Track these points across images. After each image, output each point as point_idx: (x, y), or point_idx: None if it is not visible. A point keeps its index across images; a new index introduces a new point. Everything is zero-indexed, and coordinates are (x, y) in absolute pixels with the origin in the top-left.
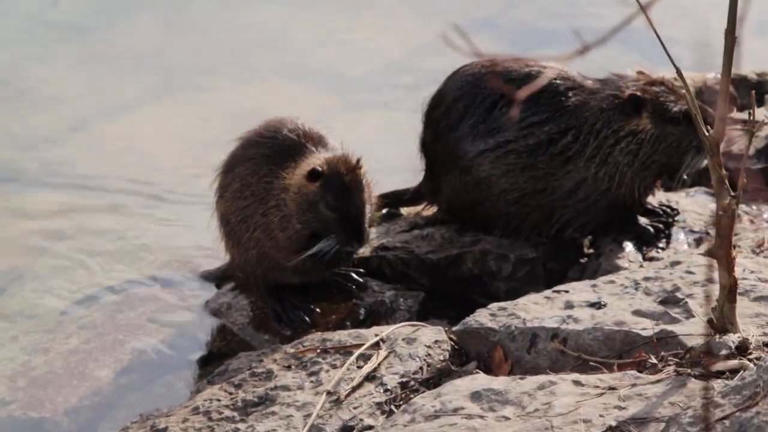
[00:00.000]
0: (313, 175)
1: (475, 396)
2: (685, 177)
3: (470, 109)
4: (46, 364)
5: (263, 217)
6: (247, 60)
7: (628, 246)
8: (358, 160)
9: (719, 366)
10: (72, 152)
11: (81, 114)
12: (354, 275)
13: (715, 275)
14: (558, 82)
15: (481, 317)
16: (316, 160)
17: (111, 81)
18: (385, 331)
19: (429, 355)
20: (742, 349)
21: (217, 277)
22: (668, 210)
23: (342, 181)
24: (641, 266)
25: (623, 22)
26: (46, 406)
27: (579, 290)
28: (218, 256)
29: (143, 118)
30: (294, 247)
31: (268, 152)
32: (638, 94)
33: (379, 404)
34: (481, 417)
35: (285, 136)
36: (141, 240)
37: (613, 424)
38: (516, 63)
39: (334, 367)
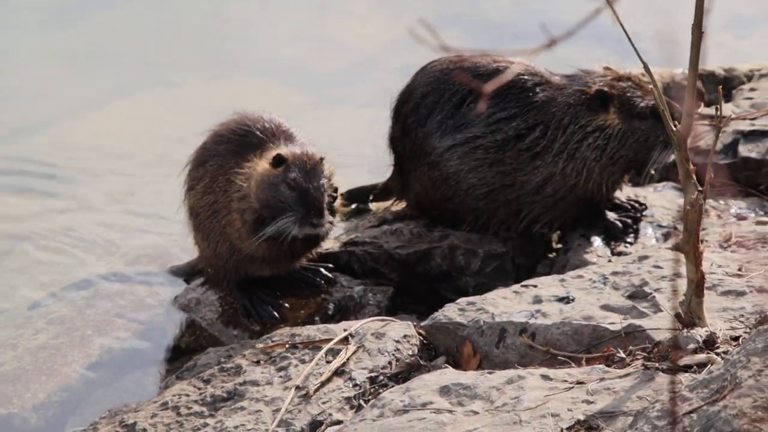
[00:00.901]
0: (277, 160)
1: (444, 390)
2: (652, 172)
3: (438, 105)
4: (14, 360)
5: (229, 210)
6: (217, 56)
7: (597, 241)
8: (322, 158)
9: (687, 360)
10: (41, 148)
11: (50, 110)
12: (323, 270)
13: (683, 270)
14: (525, 77)
15: (450, 312)
16: (283, 149)
17: (80, 77)
18: (353, 326)
19: (398, 349)
20: (710, 343)
21: (186, 273)
22: (636, 205)
23: (304, 167)
24: (609, 261)
25: (590, 16)
26: (14, 402)
27: (547, 285)
28: (187, 252)
29: (113, 113)
30: (254, 233)
31: (235, 148)
32: (605, 89)
33: (348, 399)
34: (450, 411)
35: (253, 131)
36: (109, 235)
37: (582, 418)
38: (484, 59)
39: (303, 362)
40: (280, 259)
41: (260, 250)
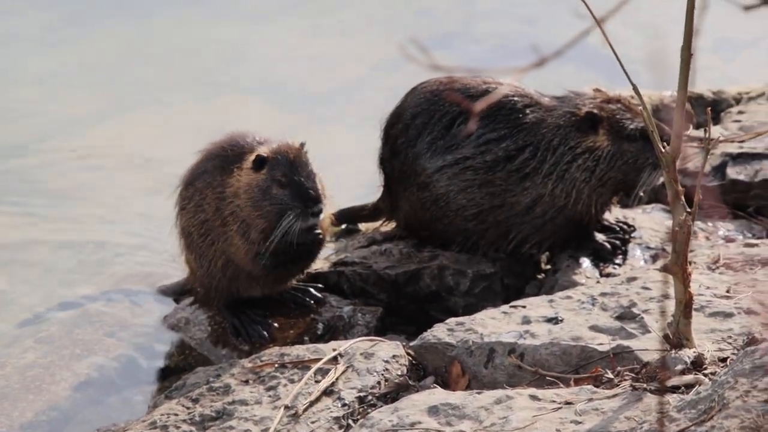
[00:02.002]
0: (258, 162)
1: (433, 410)
2: (641, 194)
3: (428, 126)
4: (2, 379)
5: (223, 228)
6: (208, 75)
7: (585, 262)
8: (302, 144)
9: (675, 381)
10: (31, 166)
11: (40, 129)
12: (312, 290)
13: (671, 291)
14: (515, 99)
15: (439, 332)
16: (260, 149)
17: (70, 96)
18: (343, 345)
19: (387, 369)
20: (698, 364)
21: (175, 292)
22: (625, 227)
23: (288, 159)
24: (598, 282)
25: (579, 36)
26: (2, 421)
27: (536, 306)
28: (176, 271)
29: (103, 133)
30: (259, 250)
31: (222, 164)
32: (595, 111)
33: (336, 419)
34: (439, 431)
35: (240, 147)
36: (99, 254)
37: None
38: (474, 80)
39: (292, 381)
40: (274, 278)
41: (265, 267)
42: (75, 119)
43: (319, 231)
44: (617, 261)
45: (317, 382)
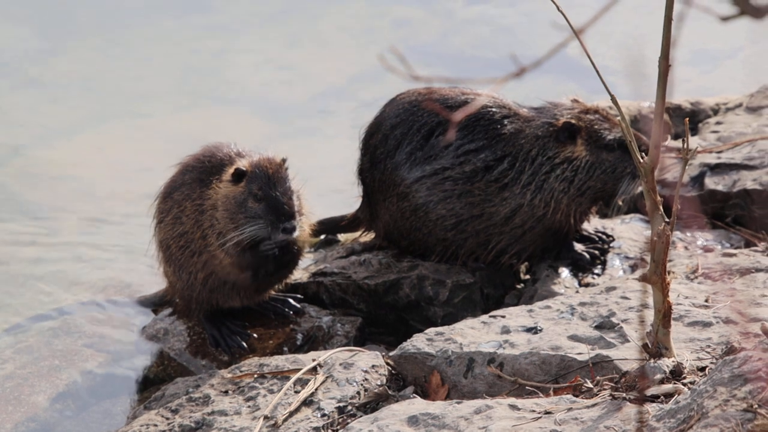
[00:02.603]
0: (237, 175)
1: (412, 420)
2: (620, 203)
3: (407, 137)
4: None
5: (203, 240)
6: (187, 86)
7: (564, 272)
8: (284, 159)
9: (654, 390)
10: (9, 178)
11: (18, 139)
12: (291, 301)
13: (650, 300)
14: (493, 110)
15: (418, 342)
16: (240, 162)
17: (48, 107)
18: (322, 356)
19: (366, 380)
20: (677, 373)
21: (154, 303)
22: (603, 236)
23: (266, 173)
24: (577, 292)
25: (557, 47)
26: None
27: (515, 315)
28: (155, 282)
29: (80, 144)
30: (236, 261)
31: (200, 176)
32: (573, 121)
33: (316, 429)
34: None
35: (218, 158)
36: (78, 266)
37: None
38: (452, 91)
39: (272, 392)
40: (253, 289)
41: (244, 277)
42: (54, 130)
43: (295, 232)
44: (596, 271)
45: (297, 392)
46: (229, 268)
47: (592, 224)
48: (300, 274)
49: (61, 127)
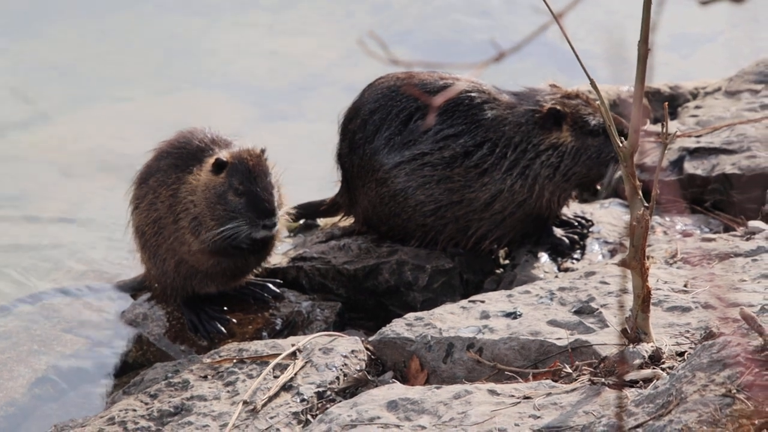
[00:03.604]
0: (218, 166)
1: (392, 405)
2: (602, 188)
3: (386, 122)
4: None
5: (175, 225)
6: (165, 71)
7: (544, 257)
8: (263, 150)
9: (633, 375)
10: None
11: None
12: (271, 286)
13: (629, 285)
14: (473, 95)
15: (398, 327)
16: (221, 153)
17: (27, 91)
18: (301, 341)
19: (345, 365)
20: (656, 358)
21: (132, 288)
22: (583, 221)
23: (247, 166)
24: (556, 277)
25: (537, 31)
26: None
27: (495, 300)
28: (134, 267)
29: (59, 128)
30: (207, 250)
31: (176, 161)
32: (558, 107)
33: (295, 414)
34: (397, 426)
35: (194, 145)
36: (56, 251)
37: None
38: (431, 76)
39: (251, 377)
40: (228, 276)
41: (214, 265)
42: (31, 114)
43: (275, 229)
44: (575, 256)
45: (276, 377)
46: (200, 257)
47: (571, 209)
48: (279, 259)
49: (40, 112)
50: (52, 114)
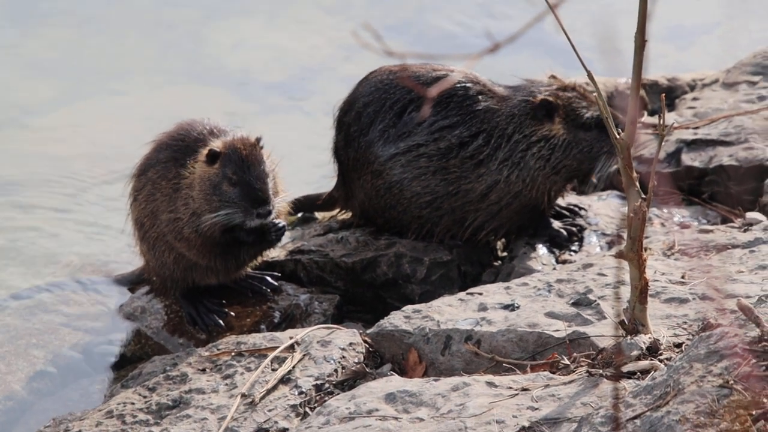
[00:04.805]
0: (211, 156)
1: (390, 398)
2: (594, 181)
3: (381, 114)
4: None
5: (172, 215)
6: (163, 64)
7: (542, 249)
8: (258, 139)
9: (630, 366)
10: None
11: None
12: (269, 279)
13: (627, 277)
14: (467, 86)
15: (396, 320)
16: (214, 143)
17: (23, 84)
18: (299, 333)
19: (344, 357)
20: (653, 349)
21: (131, 281)
22: (575, 209)
23: (240, 156)
24: (554, 269)
25: (532, 22)
26: None
27: (493, 292)
28: (132, 260)
29: (56, 121)
30: (207, 243)
31: (176, 155)
32: (550, 99)
33: (293, 407)
34: (396, 418)
35: (192, 136)
36: (54, 244)
37: (527, 424)
38: (424, 68)
39: (249, 370)
40: (228, 268)
41: (212, 257)
42: (29, 108)
43: (279, 223)
44: (573, 248)
45: (274, 370)
46: (200, 250)
47: (567, 200)
48: (277, 252)
49: (37, 105)
50: (48, 107)
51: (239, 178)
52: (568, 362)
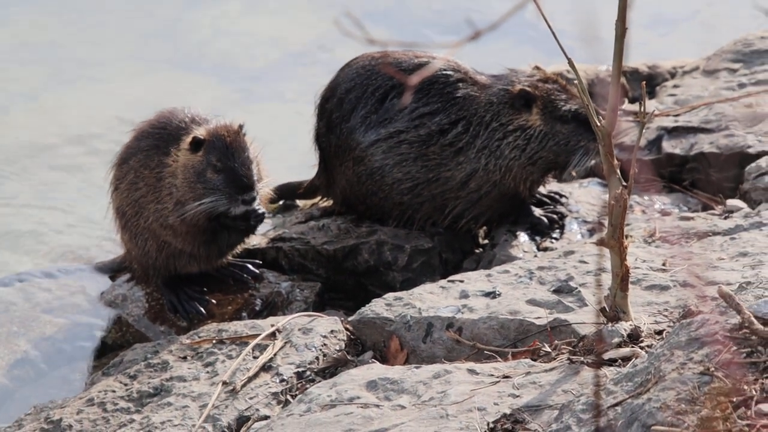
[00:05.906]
0: (195, 144)
1: (371, 385)
2: (574, 174)
3: (362, 100)
4: None
5: (157, 205)
6: (144, 51)
7: (523, 236)
8: (241, 126)
9: (611, 354)
10: None
11: None
12: (250, 266)
13: (608, 264)
14: (448, 73)
15: (377, 307)
16: (198, 131)
17: (5, 72)
18: (281, 321)
19: (325, 345)
20: (634, 337)
21: (112, 269)
22: (556, 196)
23: (224, 143)
24: (535, 256)
25: (513, 9)
26: None
27: (474, 280)
28: (113, 248)
29: (37, 109)
30: (192, 230)
31: (158, 143)
32: (528, 89)
33: (275, 394)
34: (377, 406)
35: (174, 125)
36: (34, 232)
37: (508, 411)
38: (406, 54)
39: (230, 357)
40: (210, 255)
41: (196, 244)
42: (8, 96)
43: (259, 209)
44: (554, 235)
45: (255, 358)
46: (185, 237)
47: (547, 188)
48: (258, 240)
49: (17, 93)
50: (28, 96)
51: (224, 165)
52: (549, 349)
